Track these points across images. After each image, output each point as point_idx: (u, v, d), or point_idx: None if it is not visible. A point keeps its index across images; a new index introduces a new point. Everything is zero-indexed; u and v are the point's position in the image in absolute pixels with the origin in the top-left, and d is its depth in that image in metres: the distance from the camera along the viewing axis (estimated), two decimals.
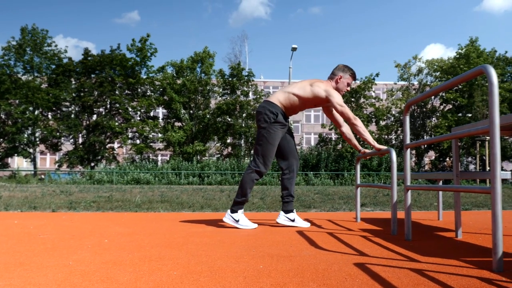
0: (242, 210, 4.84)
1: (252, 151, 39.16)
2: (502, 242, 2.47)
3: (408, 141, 3.88)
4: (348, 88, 5.12)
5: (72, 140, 38.20)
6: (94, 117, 39.14)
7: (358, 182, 5.70)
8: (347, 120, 4.78)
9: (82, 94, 37.93)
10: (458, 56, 40.69)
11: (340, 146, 38.28)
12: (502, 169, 33.13)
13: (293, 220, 4.90)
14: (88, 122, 38.61)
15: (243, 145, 39.36)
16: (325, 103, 4.98)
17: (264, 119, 4.82)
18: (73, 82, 38.56)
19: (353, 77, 5.09)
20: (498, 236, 2.47)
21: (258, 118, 4.88)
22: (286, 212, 4.96)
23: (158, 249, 3.29)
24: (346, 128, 5.27)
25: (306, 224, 4.91)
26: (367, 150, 5.13)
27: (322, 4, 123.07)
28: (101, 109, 39.34)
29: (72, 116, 37.83)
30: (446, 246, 3.50)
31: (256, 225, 4.81)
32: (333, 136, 42.12)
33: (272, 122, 4.79)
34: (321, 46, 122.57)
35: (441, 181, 5.53)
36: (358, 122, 4.75)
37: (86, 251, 3.20)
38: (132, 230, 4.49)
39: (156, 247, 3.38)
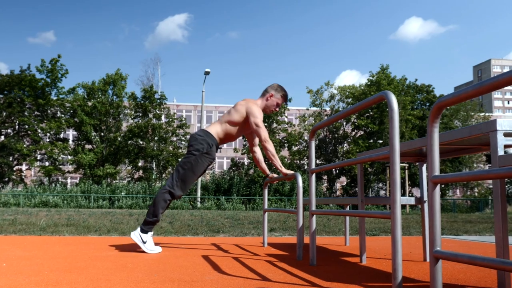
0: (152, 232, 4.74)
1: (163, 175, 38.89)
2: (401, 267, 2.48)
3: (313, 166, 3.90)
4: (277, 109, 5.23)
5: None
6: (2, 138, 37.82)
7: (266, 207, 5.70)
8: (260, 140, 4.86)
9: None
10: (369, 83, 41.82)
11: (252, 171, 38.54)
12: (411, 195, 34.14)
13: (145, 242, 4.75)
14: None
15: (154, 168, 39.01)
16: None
17: (197, 148, 4.82)
18: None
19: (284, 98, 5.17)
20: (397, 261, 2.47)
21: (191, 144, 4.88)
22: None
23: (57, 274, 3.18)
24: (258, 150, 5.35)
25: (157, 249, 4.77)
26: (274, 175, 5.16)
27: (240, 29, 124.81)
28: (9, 130, 38.11)
29: None
30: (349, 271, 3.51)
31: (160, 249, 4.70)
32: (246, 161, 42.40)
33: (204, 152, 4.81)
34: (236, 71, 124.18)
35: (348, 206, 5.59)
36: (269, 146, 4.79)
37: None
38: (33, 254, 4.33)
39: (55, 272, 3.27)
